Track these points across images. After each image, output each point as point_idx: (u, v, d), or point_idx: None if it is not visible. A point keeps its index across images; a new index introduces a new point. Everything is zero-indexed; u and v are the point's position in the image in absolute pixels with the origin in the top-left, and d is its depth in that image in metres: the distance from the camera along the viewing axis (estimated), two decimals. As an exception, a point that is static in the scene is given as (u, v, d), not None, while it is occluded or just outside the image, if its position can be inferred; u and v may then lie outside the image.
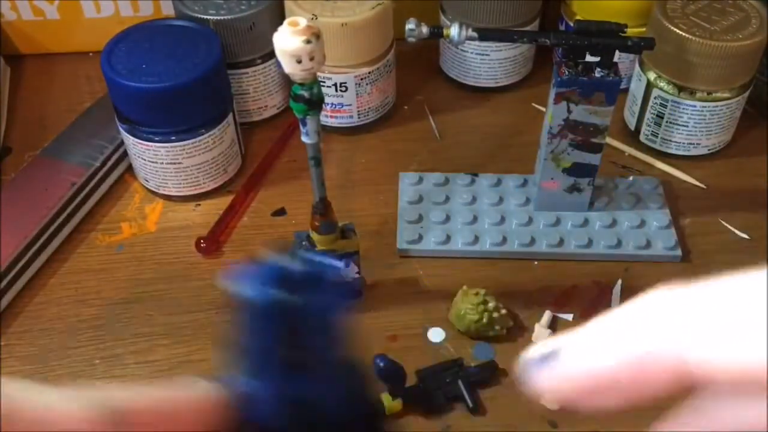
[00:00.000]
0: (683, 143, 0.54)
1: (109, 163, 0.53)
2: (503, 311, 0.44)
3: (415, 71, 0.62)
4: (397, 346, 0.44)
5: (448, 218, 0.50)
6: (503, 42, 0.56)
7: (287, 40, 0.29)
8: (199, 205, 0.52)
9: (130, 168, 0.54)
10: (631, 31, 0.43)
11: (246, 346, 0.20)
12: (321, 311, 0.20)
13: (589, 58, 0.43)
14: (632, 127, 0.56)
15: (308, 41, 0.29)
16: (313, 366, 0.20)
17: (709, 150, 0.55)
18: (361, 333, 0.48)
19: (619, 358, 0.17)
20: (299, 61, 0.30)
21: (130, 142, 0.50)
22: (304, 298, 0.19)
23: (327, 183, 0.40)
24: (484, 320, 0.43)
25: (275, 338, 0.20)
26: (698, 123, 0.52)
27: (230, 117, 0.51)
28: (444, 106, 0.60)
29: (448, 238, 0.49)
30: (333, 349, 0.21)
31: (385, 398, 0.40)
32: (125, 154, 0.53)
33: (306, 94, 0.33)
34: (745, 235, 0.50)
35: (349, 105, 0.55)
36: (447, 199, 0.51)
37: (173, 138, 0.49)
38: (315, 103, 0.33)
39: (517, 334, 0.45)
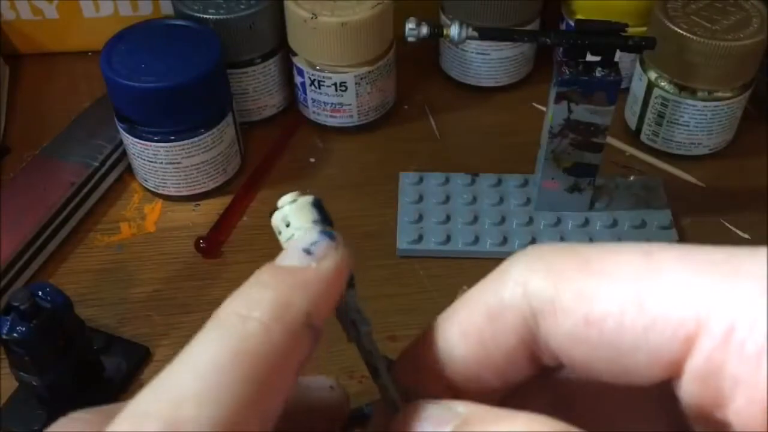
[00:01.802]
0: (684, 143, 0.54)
1: (109, 163, 0.53)
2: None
3: (415, 71, 0.62)
4: (397, 346, 0.44)
5: (448, 218, 0.50)
6: (503, 41, 0.56)
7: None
8: (199, 205, 0.52)
9: (129, 168, 0.53)
10: (631, 31, 0.43)
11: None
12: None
13: (589, 57, 0.43)
14: (633, 126, 0.56)
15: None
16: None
17: (710, 150, 0.54)
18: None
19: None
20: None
21: (130, 141, 0.50)
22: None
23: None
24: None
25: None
26: (699, 123, 0.52)
27: (230, 117, 0.51)
28: (444, 106, 0.60)
29: (449, 239, 0.49)
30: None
31: None
32: (124, 153, 0.53)
33: None
34: (746, 236, 0.50)
35: (349, 105, 0.55)
36: (447, 199, 0.51)
37: (172, 138, 0.49)
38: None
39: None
